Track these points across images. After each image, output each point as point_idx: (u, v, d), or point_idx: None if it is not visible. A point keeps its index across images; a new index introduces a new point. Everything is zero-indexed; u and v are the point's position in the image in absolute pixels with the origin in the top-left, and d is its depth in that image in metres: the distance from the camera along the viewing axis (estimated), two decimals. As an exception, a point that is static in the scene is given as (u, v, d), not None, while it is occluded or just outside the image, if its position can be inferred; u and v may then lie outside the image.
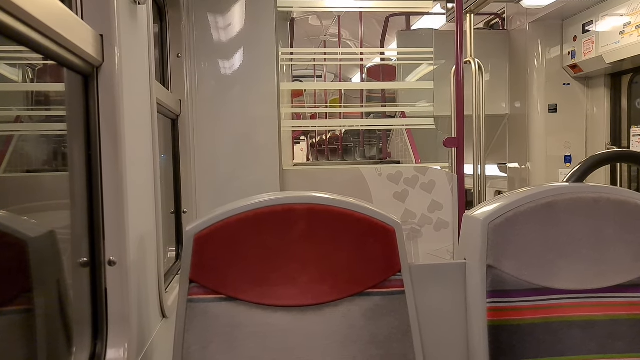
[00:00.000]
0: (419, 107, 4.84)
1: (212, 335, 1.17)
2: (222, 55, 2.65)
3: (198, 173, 2.60)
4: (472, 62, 3.75)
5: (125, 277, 1.25)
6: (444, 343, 1.34)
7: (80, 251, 1.22)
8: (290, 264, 1.23)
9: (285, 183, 2.75)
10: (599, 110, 4.56)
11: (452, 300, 1.35)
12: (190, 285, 1.19)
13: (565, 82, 4.65)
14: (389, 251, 1.26)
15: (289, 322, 1.20)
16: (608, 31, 4.04)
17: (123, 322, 1.25)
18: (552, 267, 1.28)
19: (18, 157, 1.40)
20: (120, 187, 1.24)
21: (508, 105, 5.01)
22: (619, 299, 1.28)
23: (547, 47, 4.66)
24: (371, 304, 1.23)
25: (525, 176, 4.81)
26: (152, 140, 1.58)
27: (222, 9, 2.64)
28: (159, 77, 2.33)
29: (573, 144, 4.68)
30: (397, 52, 6.07)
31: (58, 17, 0.99)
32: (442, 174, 2.95)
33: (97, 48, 1.19)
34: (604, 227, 1.30)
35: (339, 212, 1.25)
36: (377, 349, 1.21)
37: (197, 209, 2.58)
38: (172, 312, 1.63)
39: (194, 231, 1.20)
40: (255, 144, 2.69)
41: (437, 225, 2.93)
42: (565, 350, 1.24)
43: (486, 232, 1.28)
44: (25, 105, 1.57)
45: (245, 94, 2.66)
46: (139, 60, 1.48)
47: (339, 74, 8.81)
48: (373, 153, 7.13)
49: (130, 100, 1.33)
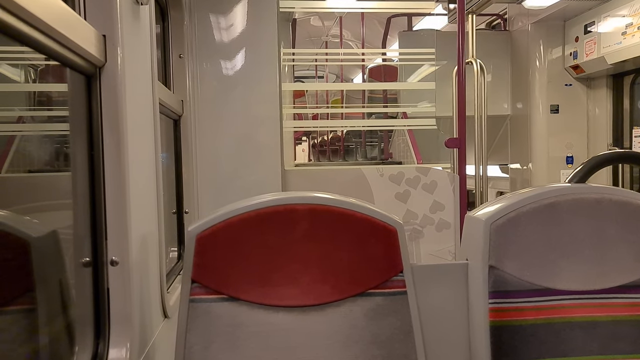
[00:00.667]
0: (420, 108, 4.84)
1: (214, 335, 1.18)
2: (224, 56, 2.65)
3: (200, 173, 2.60)
4: (474, 63, 3.75)
5: (128, 277, 1.25)
6: (446, 343, 1.34)
7: (82, 251, 1.22)
8: (292, 264, 1.23)
9: (287, 183, 2.75)
10: (601, 111, 4.56)
11: (454, 300, 1.35)
12: (192, 285, 1.19)
13: (567, 83, 4.65)
14: (391, 251, 1.26)
15: (290, 322, 1.20)
16: (610, 32, 4.03)
17: (125, 322, 1.25)
18: (554, 267, 1.28)
19: (20, 157, 1.41)
20: (123, 187, 1.25)
21: (510, 105, 5.00)
22: (621, 300, 1.27)
23: (549, 48, 4.66)
24: (373, 304, 1.23)
25: (527, 177, 4.81)
26: (154, 140, 1.58)
27: (224, 9, 2.64)
28: (161, 78, 2.33)
29: (575, 145, 4.67)
30: (398, 52, 6.07)
31: (61, 17, 0.99)
32: (443, 175, 2.95)
33: (99, 48, 1.19)
34: (606, 227, 1.30)
35: (340, 213, 1.25)
36: (379, 349, 1.21)
37: (199, 209, 2.59)
38: (174, 312, 1.63)
39: (195, 231, 1.20)
40: (257, 144, 2.69)
41: (439, 225, 2.93)
42: (567, 351, 1.24)
43: (488, 232, 1.28)
44: (28, 105, 1.57)
45: (247, 95, 2.66)
46: (141, 60, 1.48)
47: (341, 74, 8.81)
48: (375, 153, 7.13)
49: (133, 100, 1.33)
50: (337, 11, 7.43)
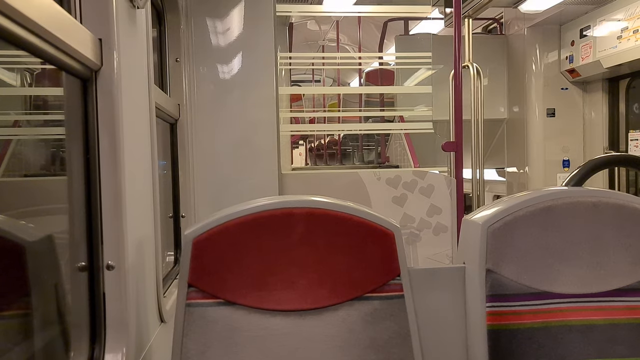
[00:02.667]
0: (417, 112, 4.85)
1: (211, 340, 1.17)
2: (220, 60, 2.65)
3: (197, 177, 2.60)
4: (471, 67, 3.75)
5: (124, 282, 1.25)
6: (443, 347, 1.34)
7: (78, 255, 1.22)
8: (289, 268, 1.22)
9: (283, 187, 2.75)
10: (597, 114, 4.58)
11: (452, 304, 1.35)
12: (189, 290, 1.19)
13: (563, 87, 4.67)
14: (388, 255, 1.25)
15: (288, 327, 1.20)
16: (606, 36, 4.05)
17: (121, 326, 1.24)
18: (551, 271, 1.28)
19: (16, 161, 1.40)
20: (119, 191, 1.24)
21: (506, 109, 5.02)
22: (618, 303, 1.27)
23: (545, 52, 4.68)
24: (370, 308, 1.23)
25: (524, 180, 4.82)
26: (150, 144, 1.58)
27: (220, 13, 2.65)
28: (158, 82, 2.33)
29: (571, 148, 4.68)
30: (395, 56, 6.08)
31: (57, 21, 0.98)
32: (440, 178, 2.95)
33: (95, 52, 1.19)
34: (602, 231, 1.30)
35: (337, 216, 1.24)
36: (377, 353, 1.21)
37: (195, 213, 2.58)
38: (170, 317, 1.63)
39: (192, 235, 1.19)
40: (254, 148, 2.69)
41: (436, 229, 2.93)
42: (564, 355, 1.24)
43: (485, 236, 1.28)
44: (24, 109, 1.56)
45: (244, 99, 2.66)
46: (137, 64, 1.48)
47: (338, 78, 8.82)
48: (371, 157, 7.13)
49: (129, 104, 1.33)
50: (333, 15, 7.45)
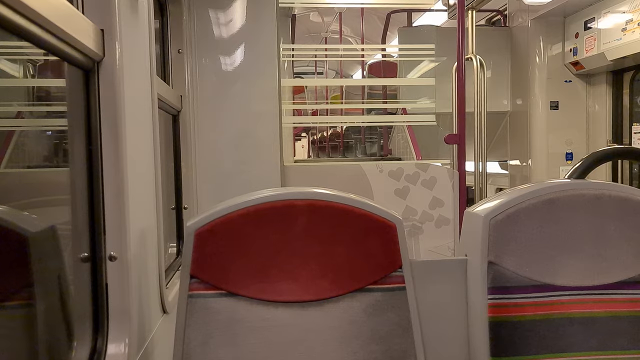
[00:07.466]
0: (420, 104, 4.83)
1: (213, 331, 1.17)
2: (223, 51, 2.65)
3: (199, 169, 2.60)
4: (474, 59, 3.74)
5: (126, 273, 1.25)
6: (445, 339, 1.34)
7: (80, 246, 1.22)
8: (291, 260, 1.23)
9: (286, 179, 2.75)
10: (601, 107, 4.55)
11: (453, 296, 1.35)
12: (191, 281, 1.19)
13: (566, 79, 4.64)
14: (390, 247, 1.26)
15: (289, 318, 1.20)
16: (610, 28, 4.02)
17: (124, 317, 1.25)
18: (553, 263, 1.28)
19: (19, 152, 1.40)
20: (121, 182, 1.24)
21: (509, 102, 4.99)
22: (620, 296, 1.27)
23: (549, 44, 4.65)
24: (372, 299, 1.23)
25: (527, 173, 4.80)
26: (152, 135, 1.57)
27: (223, 4, 2.64)
28: (160, 73, 2.33)
29: (574, 141, 4.67)
30: (398, 48, 6.05)
31: (59, 11, 0.98)
32: (443, 171, 2.95)
33: (97, 42, 1.18)
34: (605, 223, 1.30)
35: (340, 208, 1.24)
36: (378, 345, 1.21)
37: (197, 205, 2.58)
38: (172, 308, 1.63)
39: (194, 226, 1.19)
40: (256, 140, 2.68)
41: (438, 221, 2.93)
42: (566, 347, 1.24)
43: (487, 228, 1.28)
44: (26, 100, 1.56)
45: (246, 90, 2.66)
46: (139, 55, 1.47)
47: (340, 70, 8.79)
48: (374, 150, 7.11)
49: (131, 95, 1.32)
50: (336, 7, 7.42)
